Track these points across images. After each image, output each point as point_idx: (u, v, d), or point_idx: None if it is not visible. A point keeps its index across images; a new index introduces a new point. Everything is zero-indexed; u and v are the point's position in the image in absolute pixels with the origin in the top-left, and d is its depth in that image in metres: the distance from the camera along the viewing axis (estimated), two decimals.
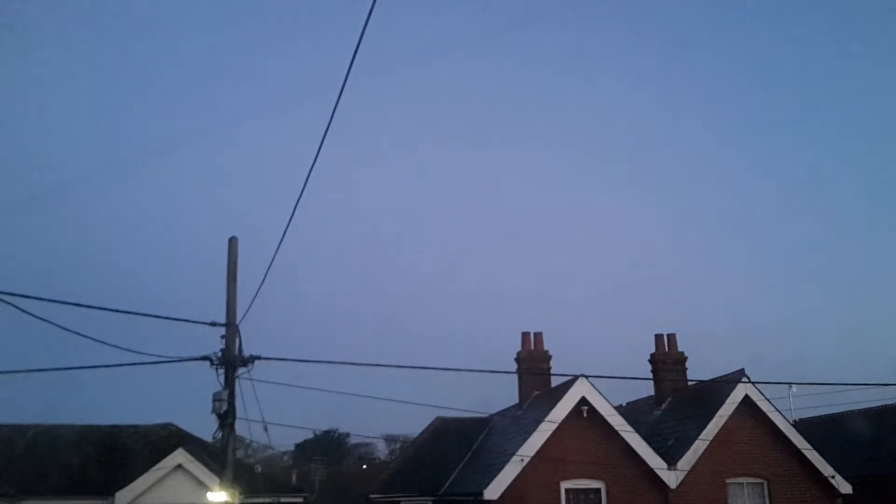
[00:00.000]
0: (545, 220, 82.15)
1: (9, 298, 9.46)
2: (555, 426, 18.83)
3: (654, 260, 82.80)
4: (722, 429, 19.62)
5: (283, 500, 22.87)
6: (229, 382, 12.42)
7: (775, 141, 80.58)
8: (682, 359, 23.11)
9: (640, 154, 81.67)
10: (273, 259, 12.95)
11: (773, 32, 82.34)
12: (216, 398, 12.26)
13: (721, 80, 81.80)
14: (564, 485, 19.05)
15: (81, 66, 78.19)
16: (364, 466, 53.87)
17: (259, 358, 12.62)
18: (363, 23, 6.62)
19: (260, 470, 24.34)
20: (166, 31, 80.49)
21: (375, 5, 6.31)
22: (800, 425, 23.79)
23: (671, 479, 18.96)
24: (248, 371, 12.66)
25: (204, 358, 12.38)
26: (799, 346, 69.91)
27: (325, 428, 52.78)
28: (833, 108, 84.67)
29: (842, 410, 25.85)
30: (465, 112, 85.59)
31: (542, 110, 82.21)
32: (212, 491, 15.15)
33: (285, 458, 50.59)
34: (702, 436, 19.39)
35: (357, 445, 58.65)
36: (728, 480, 19.73)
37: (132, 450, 23.62)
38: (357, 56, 7.09)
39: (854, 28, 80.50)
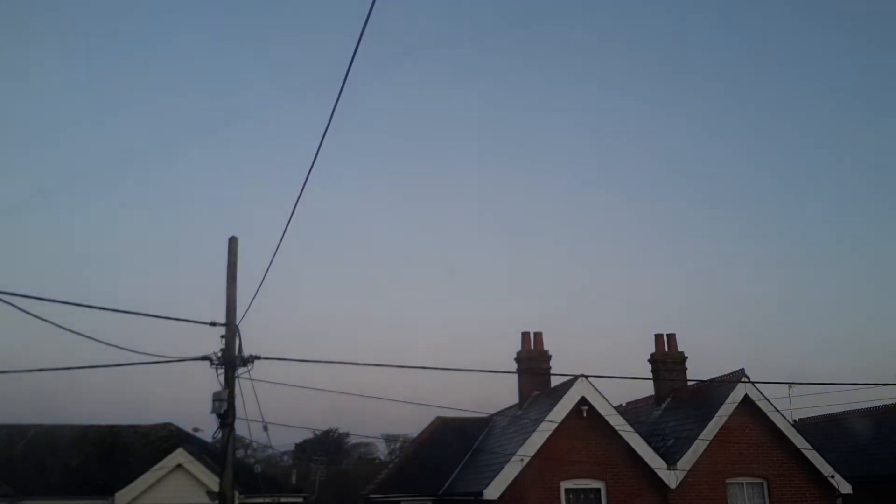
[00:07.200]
0: (545, 220, 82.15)
1: (9, 298, 9.46)
2: (555, 426, 18.83)
3: (655, 260, 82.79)
4: (722, 429, 19.63)
5: (283, 500, 22.90)
6: (229, 382, 12.42)
7: (774, 142, 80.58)
8: (682, 359, 23.10)
9: (639, 154, 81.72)
10: (273, 259, 12.95)
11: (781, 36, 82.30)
12: (216, 398, 12.27)
13: (722, 80, 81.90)
14: (564, 485, 19.06)
15: (80, 65, 78.23)
16: (364, 466, 53.91)
17: (259, 358, 12.62)
18: (363, 22, 6.61)
19: (260, 470, 24.38)
20: (166, 30, 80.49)
21: (375, 5, 6.29)
22: (800, 425, 23.81)
23: (671, 478, 18.98)
24: (248, 371, 12.67)
25: (204, 358, 12.38)
26: (799, 345, 69.90)
27: (325, 428, 52.88)
28: (839, 112, 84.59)
29: (842, 410, 25.87)
30: (467, 111, 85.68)
31: (543, 110, 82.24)
32: (212, 491, 15.18)
33: (285, 458, 50.59)
34: (702, 436, 19.40)
35: (357, 445, 58.69)
36: (728, 480, 19.74)
37: (132, 450, 23.66)
38: (359, 54, 7.08)
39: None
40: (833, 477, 19.76)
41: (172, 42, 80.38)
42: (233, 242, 13.19)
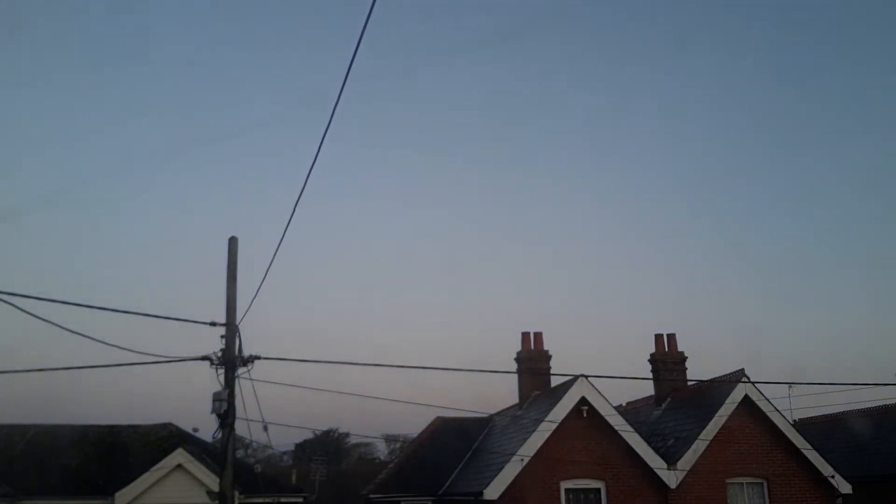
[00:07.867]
0: (545, 220, 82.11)
1: (9, 298, 9.46)
2: (555, 426, 18.84)
3: (654, 260, 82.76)
4: (722, 429, 19.62)
5: (283, 500, 22.89)
6: (229, 382, 12.42)
7: (773, 142, 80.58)
8: (682, 359, 23.11)
9: (638, 155, 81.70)
10: (273, 259, 12.96)
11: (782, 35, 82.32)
12: (216, 398, 12.27)
13: (724, 80, 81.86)
14: (564, 485, 19.06)
15: (82, 66, 78.21)
16: (364, 466, 53.91)
17: (259, 358, 12.62)
18: (363, 25, 6.62)
19: (260, 470, 24.36)
20: (166, 31, 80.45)
21: (374, 7, 6.31)
22: (800, 425, 23.81)
23: (671, 478, 18.98)
24: (248, 371, 12.67)
25: (204, 358, 12.38)
26: (799, 345, 69.86)
27: (325, 428, 52.88)
28: (837, 116, 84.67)
29: (842, 410, 25.88)
30: (468, 113, 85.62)
31: (542, 111, 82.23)
32: (212, 491, 15.18)
33: (285, 458, 50.59)
34: (702, 436, 19.40)
35: (357, 445, 58.68)
36: (728, 480, 19.74)
37: (132, 450, 23.65)
38: (358, 58, 7.10)
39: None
40: (833, 477, 19.76)
41: (174, 47, 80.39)
42: (233, 242, 13.19)
